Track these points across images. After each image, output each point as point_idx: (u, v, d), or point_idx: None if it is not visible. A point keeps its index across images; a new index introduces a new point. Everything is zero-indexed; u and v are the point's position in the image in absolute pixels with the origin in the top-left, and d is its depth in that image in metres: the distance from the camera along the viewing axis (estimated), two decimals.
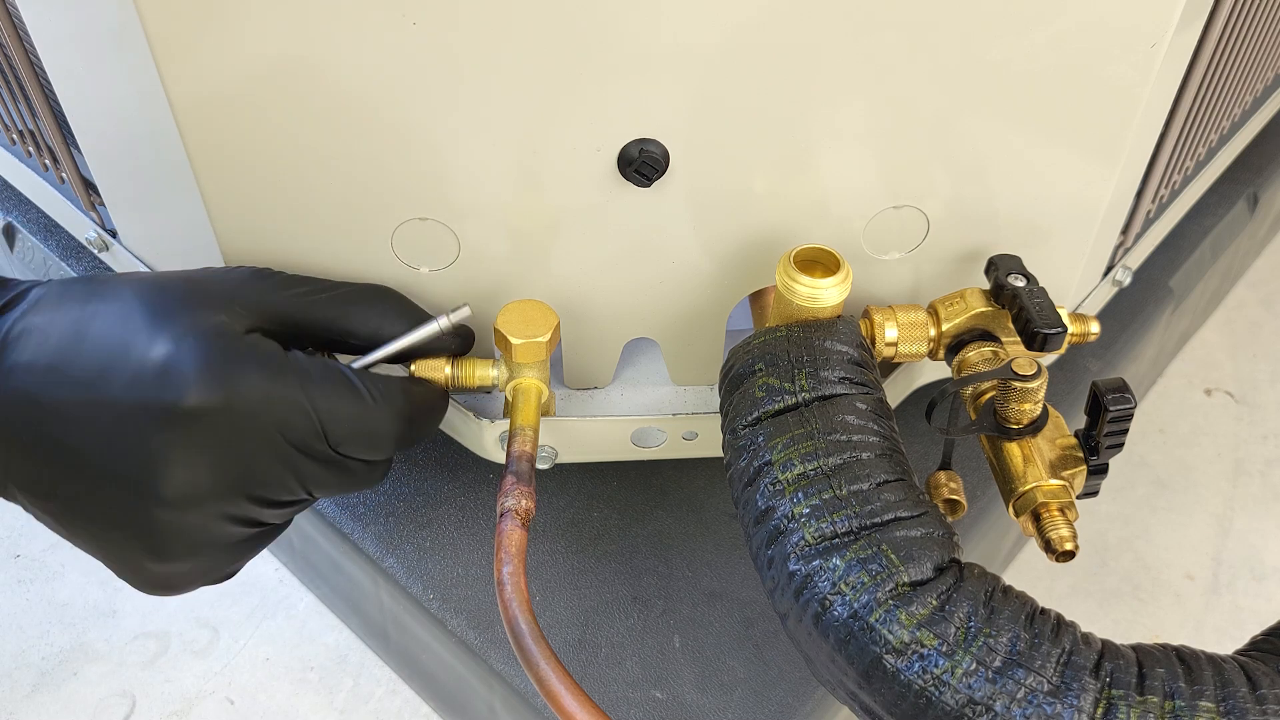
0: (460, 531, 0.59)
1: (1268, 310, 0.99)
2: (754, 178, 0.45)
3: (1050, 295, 0.46)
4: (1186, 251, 0.78)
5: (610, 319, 0.51)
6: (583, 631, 0.55)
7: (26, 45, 0.51)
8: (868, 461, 0.39)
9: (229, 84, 0.40)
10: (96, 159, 0.53)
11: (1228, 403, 0.91)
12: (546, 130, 0.42)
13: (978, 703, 0.34)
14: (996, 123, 0.44)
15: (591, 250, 0.47)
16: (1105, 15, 0.41)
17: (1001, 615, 0.36)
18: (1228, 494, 0.85)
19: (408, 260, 0.47)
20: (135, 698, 0.70)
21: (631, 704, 0.53)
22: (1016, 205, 0.48)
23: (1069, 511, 0.42)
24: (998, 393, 0.43)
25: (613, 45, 0.40)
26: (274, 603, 0.74)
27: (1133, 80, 0.44)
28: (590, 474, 0.61)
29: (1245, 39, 0.57)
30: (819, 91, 0.42)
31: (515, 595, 0.39)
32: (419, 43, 0.39)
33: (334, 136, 0.42)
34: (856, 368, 0.42)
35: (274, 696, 0.70)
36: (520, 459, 0.44)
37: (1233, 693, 0.34)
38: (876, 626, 0.36)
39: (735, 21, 0.40)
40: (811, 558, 0.37)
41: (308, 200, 0.45)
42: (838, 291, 0.43)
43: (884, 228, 0.48)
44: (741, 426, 0.41)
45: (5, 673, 0.71)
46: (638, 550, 0.58)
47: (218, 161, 0.43)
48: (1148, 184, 0.56)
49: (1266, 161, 0.87)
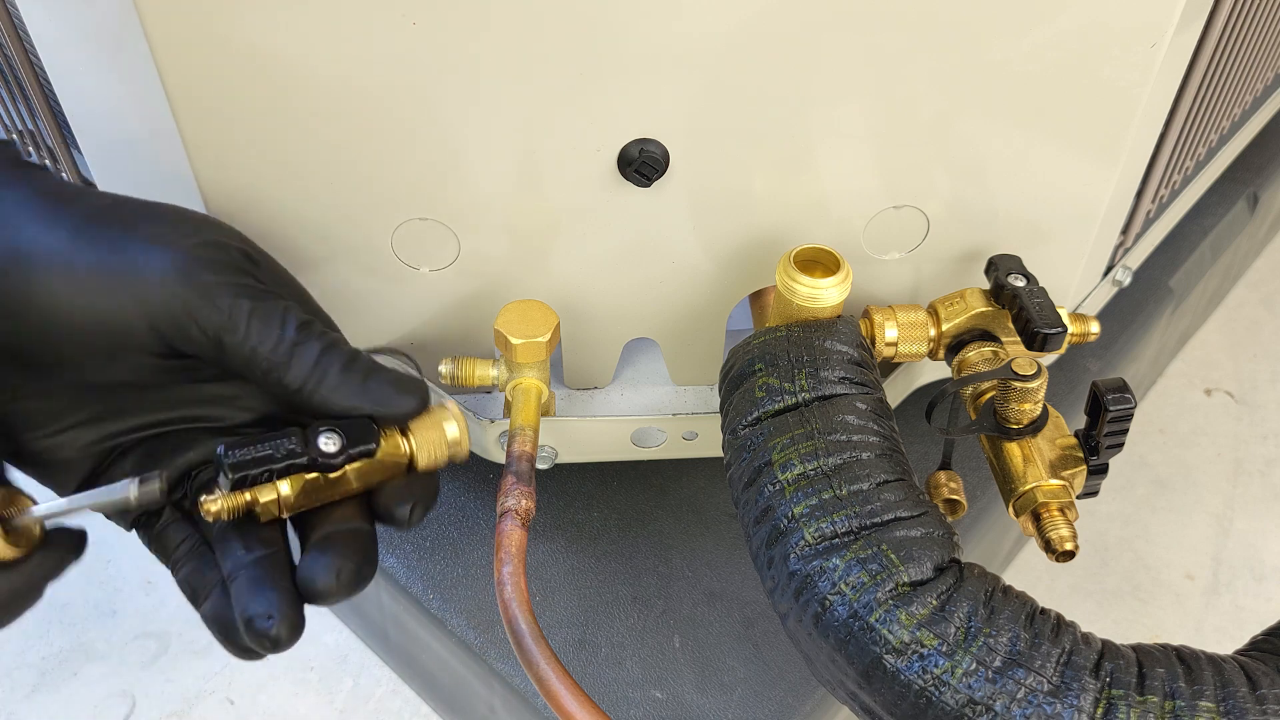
0: (460, 531, 0.59)
1: (1268, 310, 0.99)
2: (754, 178, 0.45)
3: (1050, 295, 0.46)
4: (1186, 251, 0.78)
5: (610, 319, 0.51)
6: (583, 631, 0.55)
7: (26, 45, 0.51)
8: (868, 461, 0.39)
9: (228, 85, 0.40)
10: (96, 159, 0.53)
11: (1228, 403, 0.91)
12: (547, 130, 0.42)
13: (978, 703, 0.34)
14: (996, 123, 0.44)
15: (591, 250, 0.47)
16: (1105, 15, 0.41)
17: (1001, 615, 0.36)
18: (1228, 494, 0.85)
19: (408, 260, 0.47)
20: (135, 698, 0.70)
21: (631, 704, 0.53)
22: (1016, 205, 0.48)
23: (1069, 511, 0.42)
24: (998, 393, 0.43)
25: (613, 45, 0.40)
26: None
27: (1133, 80, 0.44)
28: (590, 474, 0.61)
29: (1245, 39, 0.57)
30: (819, 91, 0.42)
31: (515, 595, 0.39)
32: (419, 43, 0.39)
33: (334, 137, 0.42)
34: (856, 368, 0.42)
35: (274, 696, 0.70)
36: (520, 459, 0.44)
37: (1233, 693, 0.34)
38: (876, 626, 0.36)
39: (735, 21, 0.40)
40: (811, 558, 0.37)
41: (308, 201, 0.45)
42: (838, 291, 0.43)
43: (884, 228, 0.48)
44: (741, 426, 0.41)
45: (5, 673, 0.71)
46: (638, 550, 0.58)
47: (217, 162, 0.43)
48: (1148, 184, 0.56)
49: (1266, 161, 0.87)
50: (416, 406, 0.38)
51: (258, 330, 0.37)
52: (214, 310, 0.36)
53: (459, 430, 0.39)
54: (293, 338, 0.37)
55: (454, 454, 0.40)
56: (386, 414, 0.38)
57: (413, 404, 0.38)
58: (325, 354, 0.37)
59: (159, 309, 0.36)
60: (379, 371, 0.38)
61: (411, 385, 0.39)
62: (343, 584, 0.36)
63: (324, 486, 0.37)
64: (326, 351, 0.37)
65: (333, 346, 0.38)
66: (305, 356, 0.37)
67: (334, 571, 0.36)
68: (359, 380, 0.38)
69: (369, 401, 0.38)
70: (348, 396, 0.37)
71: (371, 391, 0.38)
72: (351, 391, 0.37)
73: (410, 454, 0.39)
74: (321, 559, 0.36)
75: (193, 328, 0.36)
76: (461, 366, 0.48)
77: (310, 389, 0.37)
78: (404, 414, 0.38)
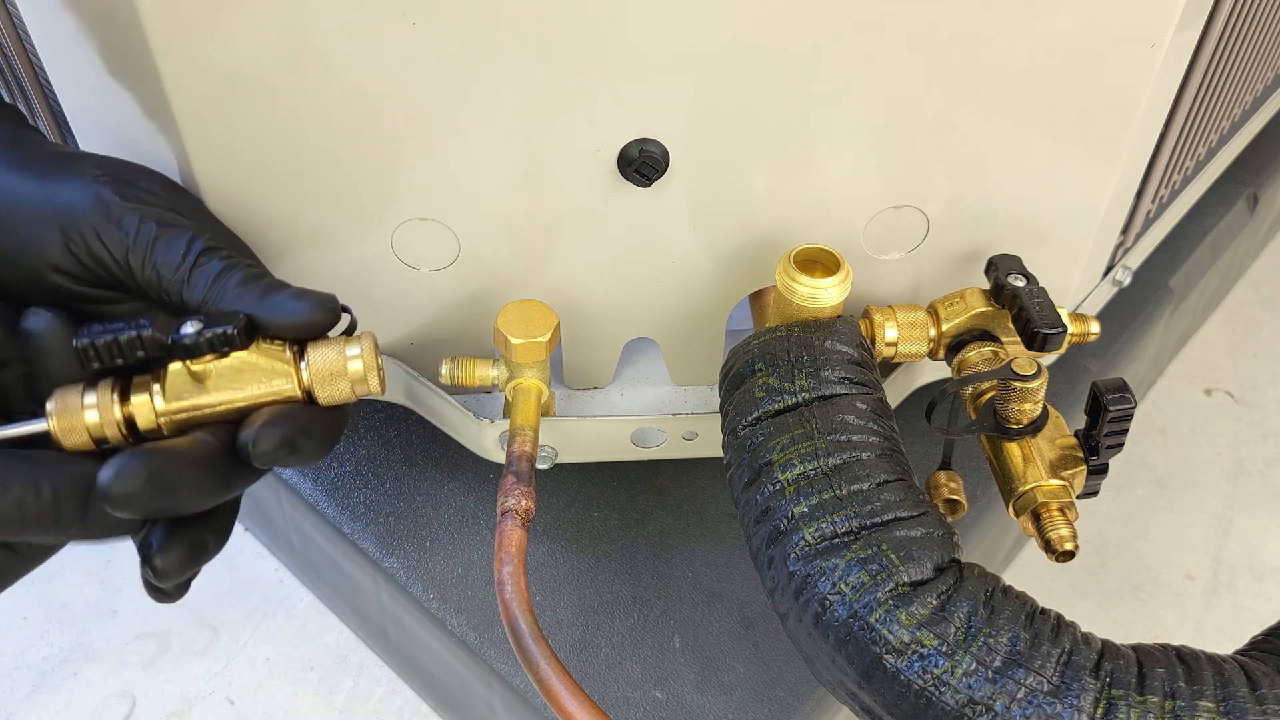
0: (460, 531, 0.59)
1: (1268, 310, 0.99)
2: (754, 178, 0.45)
3: (1050, 295, 0.46)
4: (1186, 251, 0.78)
5: (610, 319, 0.51)
6: (583, 631, 0.55)
7: (26, 45, 0.51)
8: (868, 461, 0.39)
9: (228, 84, 0.40)
10: None
11: (1228, 403, 0.91)
12: (546, 130, 0.42)
13: (978, 703, 0.34)
14: (996, 123, 0.44)
15: (591, 250, 0.47)
16: (1105, 15, 0.41)
17: (1001, 615, 0.36)
18: (1228, 494, 0.85)
19: (408, 260, 0.47)
20: (135, 698, 0.70)
21: (631, 704, 0.53)
22: (1016, 205, 0.48)
23: (1069, 511, 0.42)
24: (998, 393, 0.43)
25: (613, 45, 0.40)
26: (274, 603, 0.74)
27: (1133, 80, 0.44)
28: (590, 474, 0.61)
29: (1245, 39, 0.57)
30: (819, 92, 0.42)
31: (515, 595, 0.39)
32: (419, 43, 0.39)
33: (333, 137, 0.42)
34: (856, 368, 0.42)
35: (274, 696, 0.70)
36: (520, 459, 0.44)
37: (1233, 693, 0.34)
38: (876, 626, 0.36)
39: (735, 21, 0.40)
40: (811, 558, 0.37)
41: (308, 201, 0.45)
42: (838, 291, 0.43)
43: (884, 228, 0.48)
44: (741, 426, 0.41)
45: (5, 673, 0.71)
46: (638, 550, 0.58)
47: (216, 161, 0.43)
48: (1148, 184, 0.56)
49: (1266, 161, 0.87)
50: (311, 313, 0.37)
51: (162, 251, 0.38)
52: (120, 233, 0.38)
53: (363, 365, 0.37)
54: (194, 259, 0.38)
55: (357, 389, 0.37)
56: (282, 323, 0.37)
57: (306, 309, 0.37)
58: (225, 271, 0.38)
59: (72, 233, 0.38)
60: (282, 286, 0.38)
61: (312, 295, 0.37)
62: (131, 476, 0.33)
63: (193, 390, 0.36)
64: (227, 270, 0.38)
65: (234, 265, 0.38)
66: (205, 274, 0.38)
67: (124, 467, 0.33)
68: (258, 293, 0.37)
69: (264, 310, 0.37)
70: (245, 305, 0.37)
71: (268, 301, 0.37)
72: (248, 303, 0.37)
73: (299, 375, 0.37)
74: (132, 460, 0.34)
75: (102, 251, 0.38)
76: (461, 366, 0.48)
77: (210, 305, 0.38)
78: (300, 323, 0.37)
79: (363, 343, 0.37)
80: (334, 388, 0.37)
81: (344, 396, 0.37)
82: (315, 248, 0.46)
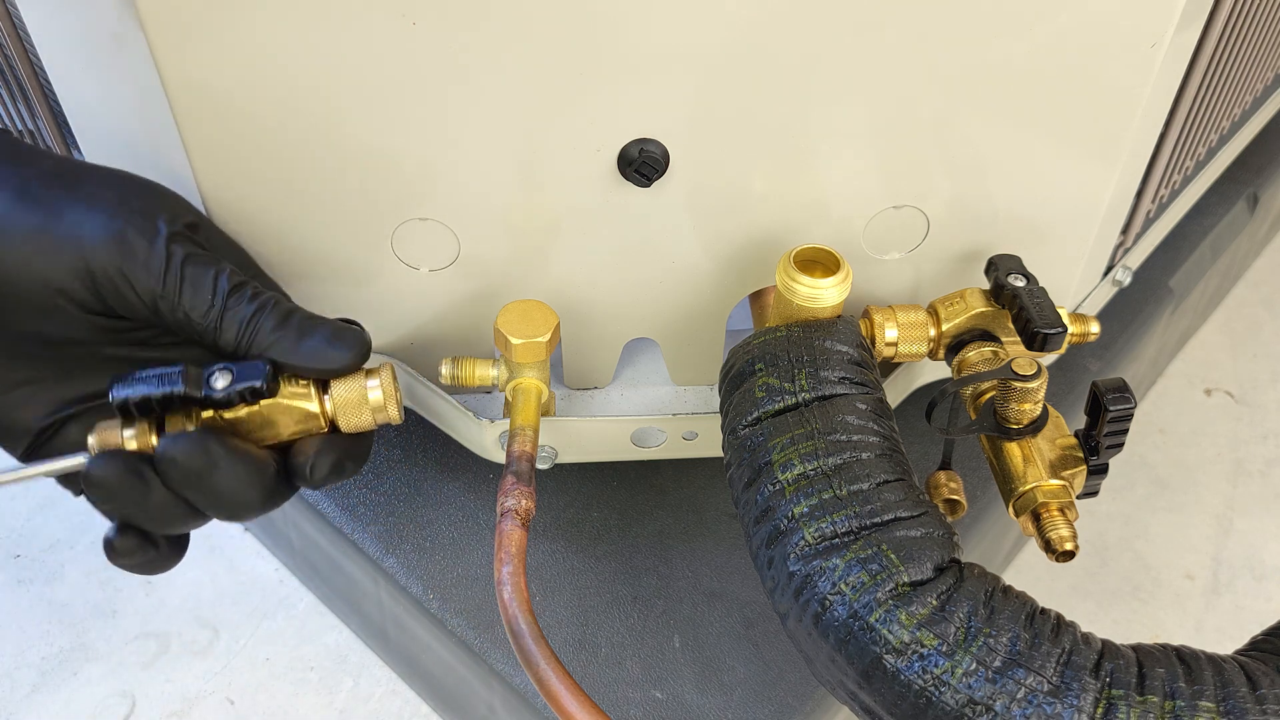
0: (460, 531, 0.59)
1: (1268, 310, 0.99)
2: (754, 178, 0.45)
3: (1050, 295, 0.46)
4: (1186, 251, 0.78)
5: (610, 319, 0.51)
6: (583, 631, 0.55)
7: (26, 45, 0.51)
8: (868, 461, 0.39)
9: (228, 84, 0.40)
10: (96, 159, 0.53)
11: (1228, 403, 0.91)
12: (547, 130, 0.42)
13: (978, 703, 0.34)
14: (996, 123, 0.44)
15: (591, 250, 0.47)
16: (1105, 15, 0.41)
17: (1001, 615, 0.36)
18: (1228, 494, 0.85)
19: (408, 260, 0.47)
20: (135, 698, 0.70)
21: (631, 704, 0.53)
22: (1016, 205, 0.48)
23: (1069, 511, 0.42)
24: (998, 393, 0.43)
25: (613, 45, 0.40)
26: (274, 603, 0.74)
27: (1133, 80, 0.44)
28: (590, 474, 0.61)
29: (1245, 39, 0.57)
30: (819, 92, 0.42)
31: (515, 595, 0.39)
32: (419, 43, 0.39)
33: (334, 137, 0.42)
34: (856, 368, 0.42)
35: (274, 696, 0.70)
36: (520, 459, 0.44)
37: (1233, 693, 0.34)
38: (876, 626, 0.36)
39: (735, 21, 0.40)
40: (811, 558, 0.37)
41: (308, 201, 0.45)
42: (838, 291, 0.43)
43: (884, 228, 0.48)
44: (741, 426, 0.41)
45: (5, 673, 0.71)
46: (638, 550, 0.58)
47: (217, 162, 0.43)
48: (1148, 184, 0.56)
49: (1266, 161, 0.87)
50: (349, 360, 0.38)
51: (189, 294, 0.38)
52: (147, 274, 0.37)
53: (382, 395, 0.39)
54: (224, 300, 0.38)
55: (378, 417, 0.39)
56: (320, 369, 0.38)
57: (345, 358, 0.38)
58: (257, 314, 0.38)
59: (96, 272, 0.37)
60: (315, 327, 0.39)
61: (346, 338, 0.39)
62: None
63: (226, 429, 0.37)
64: (259, 311, 0.38)
65: (265, 306, 0.38)
66: (237, 318, 0.38)
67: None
68: (293, 339, 0.38)
69: (301, 357, 0.38)
70: (281, 354, 0.38)
71: (305, 349, 0.38)
72: (284, 350, 0.38)
73: (323, 408, 0.39)
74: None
75: (128, 291, 0.38)
76: (461, 366, 0.48)
77: (244, 350, 0.38)
78: (337, 369, 0.39)
79: (382, 374, 0.39)
80: (356, 417, 0.39)
81: (365, 425, 0.40)
82: (316, 245, 0.46)
